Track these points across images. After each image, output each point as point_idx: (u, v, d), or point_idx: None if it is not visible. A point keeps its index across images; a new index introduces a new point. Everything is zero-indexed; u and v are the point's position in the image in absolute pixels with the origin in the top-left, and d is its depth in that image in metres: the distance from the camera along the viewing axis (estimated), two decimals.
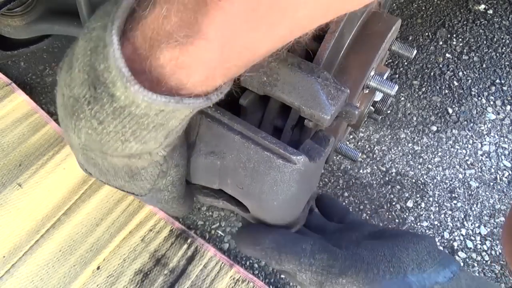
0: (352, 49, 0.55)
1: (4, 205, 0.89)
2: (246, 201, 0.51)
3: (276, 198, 0.47)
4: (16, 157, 0.94)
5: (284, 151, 0.45)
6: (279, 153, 0.45)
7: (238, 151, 0.46)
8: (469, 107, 1.13)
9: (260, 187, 0.47)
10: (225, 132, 0.46)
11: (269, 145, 0.45)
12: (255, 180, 0.47)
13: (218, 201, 0.57)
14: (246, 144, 0.46)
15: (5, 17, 0.72)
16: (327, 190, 1.00)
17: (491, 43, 1.23)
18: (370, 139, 1.07)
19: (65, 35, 0.75)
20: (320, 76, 0.47)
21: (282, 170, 0.45)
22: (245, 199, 0.51)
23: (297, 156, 0.45)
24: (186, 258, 0.88)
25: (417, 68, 1.19)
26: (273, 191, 0.47)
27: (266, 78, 0.47)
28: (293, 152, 0.45)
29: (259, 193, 0.47)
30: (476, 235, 0.97)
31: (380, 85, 0.57)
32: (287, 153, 0.45)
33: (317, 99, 0.46)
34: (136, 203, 0.93)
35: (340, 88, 0.47)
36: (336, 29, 0.50)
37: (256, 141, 0.46)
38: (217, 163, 0.48)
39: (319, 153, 0.48)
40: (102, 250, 0.87)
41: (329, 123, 0.47)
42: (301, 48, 0.51)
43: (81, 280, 0.84)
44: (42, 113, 1.01)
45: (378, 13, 0.60)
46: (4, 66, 1.10)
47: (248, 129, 0.46)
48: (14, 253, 0.85)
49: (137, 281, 0.85)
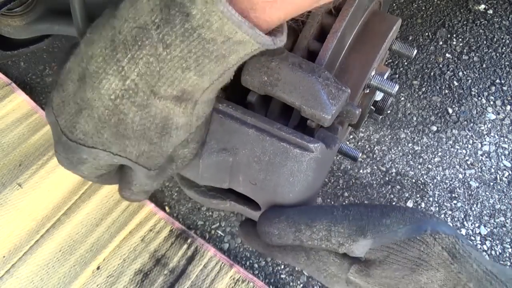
0: (353, 49, 0.55)
1: (4, 205, 0.89)
2: (259, 196, 0.51)
3: (292, 190, 0.47)
4: (16, 157, 0.94)
5: (301, 140, 0.45)
6: (296, 142, 0.45)
7: (252, 145, 0.46)
8: (469, 107, 1.13)
9: (276, 180, 0.47)
10: (238, 126, 0.46)
11: (285, 135, 0.46)
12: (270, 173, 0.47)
13: (225, 203, 0.56)
14: (261, 136, 0.46)
15: (5, 17, 0.72)
16: (327, 190, 1.00)
17: (491, 43, 1.23)
18: (370, 139, 1.07)
19: (65, 35, 0.75)
20: (321, 76, 0.47)
21: (300, 159, 0.45)
22: (258, 195, 0.51)
23: (314, 144, 0.45)
24: (186, 258, 0.88)
25: (417, 68, 1.19)
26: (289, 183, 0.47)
27: (267, 78, 0.46)
28: (310, 140, 0.45)
29: (275, 186, 0.47)
30: (476, 235, 0.97)
31: (380, 85, 0.57)
32: (304, 141, 0.45)
33: (318, 98, 0.46)
34: (136, 203, 0.93)
35: (341, 88, 0.47)
36: (338, 29, 0.50)
37: (271, 133, 0.46)
38: (229, 160, 0.47)
39: (334, 140, 0.48)
40: (102, 250, 0.87)
41: (330, 122, 0.47)
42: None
43: (81, 280, 0.84)
44: (42, 113, 1.01)
45: (379, 13, 0.60)
46: (4, 66, 1.10)
47: (263, 121, 0.46)
48: (14, 253, 0.85)
49: (137, 281, 0.85)
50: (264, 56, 0.47)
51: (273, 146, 0.46)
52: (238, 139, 0.47)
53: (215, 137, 0.48)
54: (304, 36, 0.52)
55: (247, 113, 0.47)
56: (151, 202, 0.93)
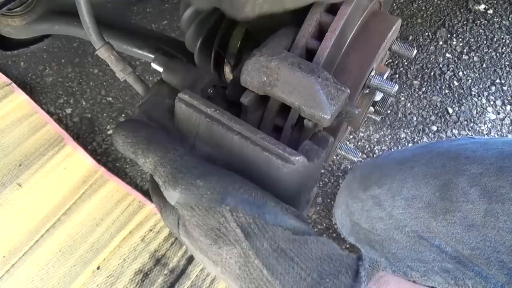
0: (352, 49, 0.55)
1: (4, 205, 0.89)
2: None
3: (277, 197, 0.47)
4: (16, 157, 0.95)
5: (283, 152, 0.45)
6: (277, 153, 0.45)
7: (237, 150, 0.46)
8: (469, 107, 1.13)
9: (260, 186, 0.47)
10: (224, 132, 0.46)
11: (268, 145, 0.45)
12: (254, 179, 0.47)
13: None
14: (245, 144, 0.46)
15: (5, 17, 0.72)
16: (327, 190, 1.00)
17: (491, 43, 1.23)
18: (370, 139, 1.07)
19: (65, 35, 0.75)
20: (320, 76, 0.46)
21: (281, 170, 0.45)
22: None
23: (295, 157, 0.45)
24: (186, 258, 0.88)
25: (417, 68, 1.19)
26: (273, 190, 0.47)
27: (266, 78, 0.46)
28: (292, 153, 0.45)
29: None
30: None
31: (380, 85, 0.57)
32: (286, 153, 0.45)
33: (317, 99, 0.45)
34: (136, 203, 0.93)
35: (340, 88, 0.46)
36: (336, 27, 0.50)
37: (255, 142, 0.46)
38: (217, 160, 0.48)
39: (317, 154, 0.48)
40: (102, 250, 0.87)
41: (329, 123, 0.47)
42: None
43: (81, 280, 0.84)
44: (42, 113, 1.01)
45: (379, 12, 0.60)
46: (4, 66, 1.10)
47: (247, 129, 0.46)
48: (14, 253, 0.85)
49: (137, 281, 0.85)
50: (264, 56, 0.47)
51: (256, 154, 0.46)
52: (224, 144, 0.47)
53: (203, 140, 0.48)
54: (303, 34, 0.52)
55: (233, 119, 0.47)
56: (151, 202, 0.93)
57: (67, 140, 0.98)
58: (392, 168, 0.81)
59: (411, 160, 0.80)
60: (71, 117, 1.07)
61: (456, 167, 0.72)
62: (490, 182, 0.67)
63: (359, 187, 0.84)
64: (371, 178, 0.83)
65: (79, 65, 1.14)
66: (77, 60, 1.15)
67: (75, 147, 0.97)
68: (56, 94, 1.10)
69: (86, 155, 0.96)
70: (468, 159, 0.71)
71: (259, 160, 0.46)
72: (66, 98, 1.09)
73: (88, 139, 1.04)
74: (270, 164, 0.46)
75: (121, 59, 0.53)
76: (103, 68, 1.14)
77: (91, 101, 1.10)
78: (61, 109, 1.08)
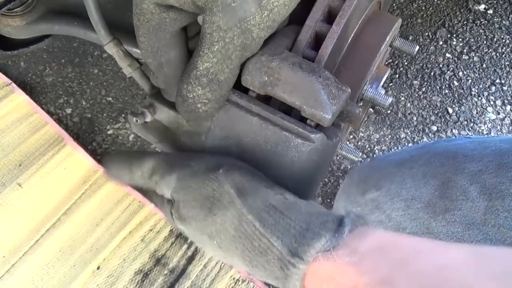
0: (353, 48, 0.55)
1: (4, 205, 0.89)
2: None
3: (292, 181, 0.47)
4: (16, 157, 0.94)
5: (303, 130, 0.45)
6: (297, 132, 0.45)
7: (255, 133, 0.46)
8: (469, 107, 1.13)
9: (276, 171, 0.47)
10: (243, 114, 0.47)
11: (288, 124, 0.46)
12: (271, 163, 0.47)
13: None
14: (264, 125, 0.46)
15: (5, 17, 0.72)
16: (327, 190, 1.00)
17: (491, 43, 1.23)
18: (370, 139, 1.07)
19: (65, 35, 0.75)
20: (321, 75, 0.47)
21: (301, 149, 0.45)
22: None
23: (316, 134, 0.45)
24: (186, 258, 0.88)
25: (417, 68, 1.19)
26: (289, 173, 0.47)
27: (267, 78, 0.46)
28: (312, 130, 0.46)
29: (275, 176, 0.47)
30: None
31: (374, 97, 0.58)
32: (306, 131, 0.45)
33: (318, 98, 0.46)
34: (136, 203, 0.93)
35: (341, 88, 0.47)
36: (337, 28, 0.50)
37: (274, 122, 0.46)
38: (232, 148, 0.48)
39: (335, 133, 0.48)
40: (102, 250, 0.87)
41: (330, 122, 0.47)
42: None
43: (81, 280, 0.84)
44: (42, 113, 1.01)
45: (379, 12, 0.60)
46: (4, 66, 1.10)
47: (266, 110, 0.47)
48: (14, 253, 0.85)
49: (137, 281, 0.85)
50: (265, 56, 0.47)
51: (275, 134, 0.46)
52: (241, 127, 0.47)
53: (219, 125, 0.48)
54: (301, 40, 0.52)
55: (252, 101, 0.48)
56: (151, 202, 0.93)
57: (67, 140, 0.98)
58: (390, 170, 0.82)
59: (410, 161, 0.80)
60: (71, 117, 1.07)
61: (455, 165, 0.72)
62: (489, 179, 0.67)
63: (357, 191, 0.84)
64: (369, 181, 0.83)
65: (79, 65, 1.14)
66: (77, 60, 1.15)
67: (75, 147, 0.97)
68: (56, 94, 1.10)
69: (86, 155, 0.96)
70: (467, 158, 0.71)
71: (278, 141, 0.46)
72: (66, 98, 1.09)
73: (88, 139, 1.04)
74: (288, 143, 0.46)
75: (129, 54, 0.54)
76: (103, 68, 1.14)
77: (91, 101, 1.10)
78: (61, 109, 1.08)
